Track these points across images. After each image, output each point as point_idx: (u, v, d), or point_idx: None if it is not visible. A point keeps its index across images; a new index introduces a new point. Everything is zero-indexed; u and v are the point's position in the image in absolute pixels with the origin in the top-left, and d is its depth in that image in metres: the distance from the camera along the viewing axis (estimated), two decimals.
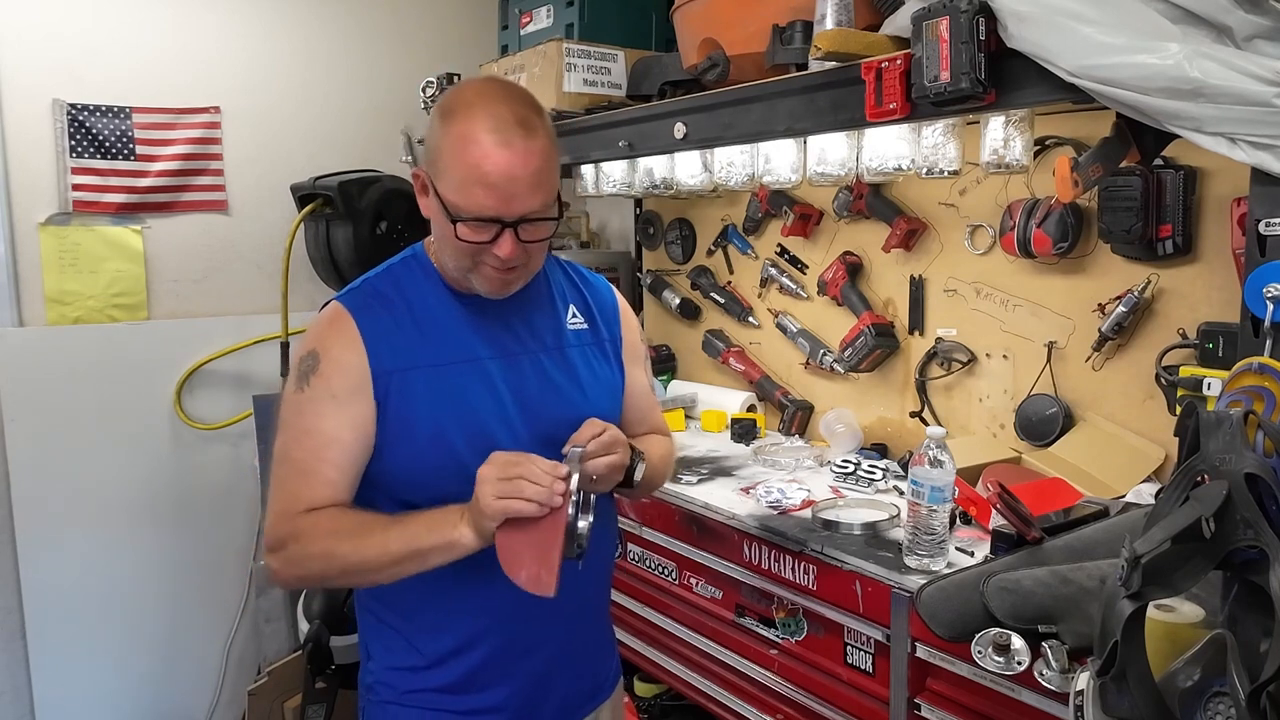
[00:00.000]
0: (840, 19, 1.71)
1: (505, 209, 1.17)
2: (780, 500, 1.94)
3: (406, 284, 1.31)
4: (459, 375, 1.27)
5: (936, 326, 2.26)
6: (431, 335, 1.27)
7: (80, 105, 2.58)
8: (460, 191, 1.17)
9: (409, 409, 1.24)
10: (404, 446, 1.24)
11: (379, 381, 1.23)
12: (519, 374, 1.31)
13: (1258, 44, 1.23)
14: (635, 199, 3.07)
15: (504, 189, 1.16)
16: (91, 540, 2.69)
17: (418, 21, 3.11)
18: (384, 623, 1.35)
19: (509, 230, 1.18)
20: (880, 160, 1.83)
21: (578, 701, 1.43)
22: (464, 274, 1.26)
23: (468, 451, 1.22)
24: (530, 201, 1.18)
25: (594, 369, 1.40)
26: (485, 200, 1.16)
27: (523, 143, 1.16)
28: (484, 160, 1.15)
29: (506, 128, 1.16)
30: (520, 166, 1.16)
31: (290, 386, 1.26)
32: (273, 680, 2.61)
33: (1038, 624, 1.25)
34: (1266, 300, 1.24)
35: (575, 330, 1.40)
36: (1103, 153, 1.40)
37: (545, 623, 1.34)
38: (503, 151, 1.15)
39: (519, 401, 1.29)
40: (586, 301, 1.43)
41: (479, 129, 1.16)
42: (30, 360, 2.57)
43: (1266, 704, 0.84)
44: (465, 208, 1.17)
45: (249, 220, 2.88)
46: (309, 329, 1.30)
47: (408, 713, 1.33)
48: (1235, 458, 0.95)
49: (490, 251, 1.20)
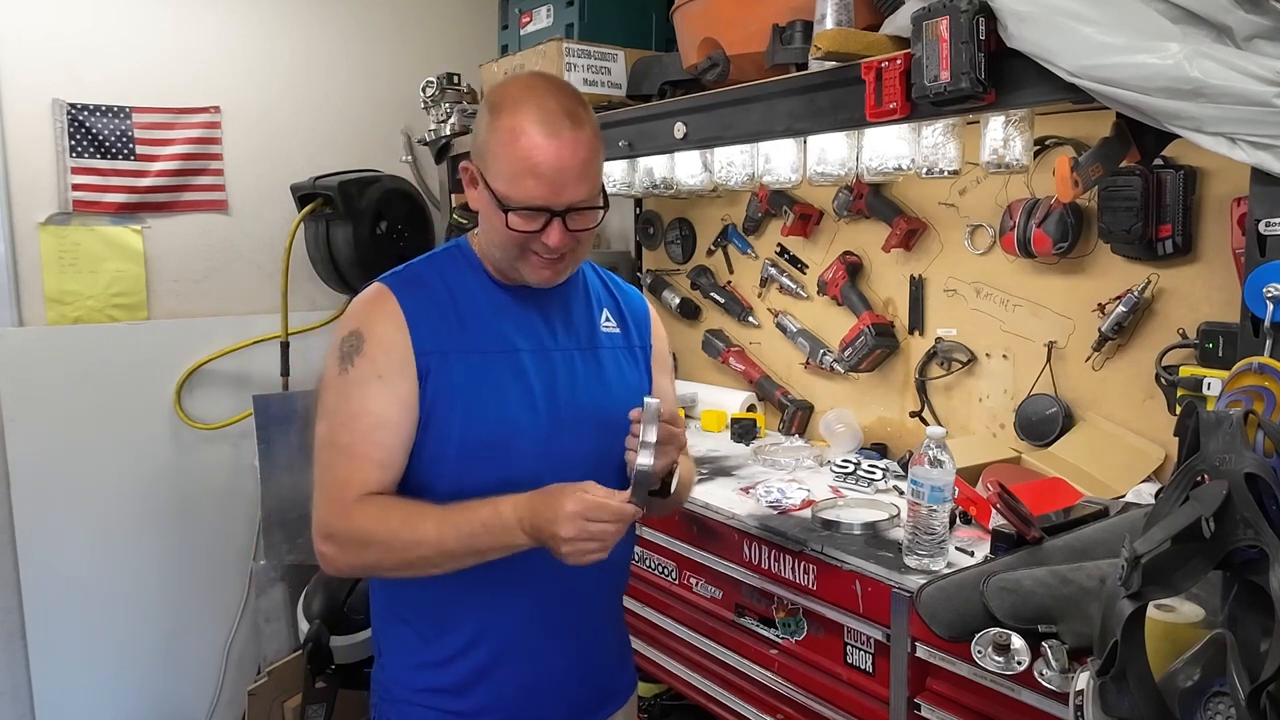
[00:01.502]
0: (840, 19, 1.71)
1: (554, 198, 1.20)
2: (780, 500, 1.94)
3: (449, 272, 1.33)
4: (495, 364, 1.29)
5: (936, 326, 2.26)
6: (470, 323, 1.29)
7: (80, 105, 2.58)
8: (510, 182, 1.20)
9: (444, 392, 1.25)
10: (435, 430, 1.25)
11: (420, 360, 1.25)
12: (551, 368, 1.33)
13: (1258, 44, 1.22)
14: (635, 199, 3.07)
15: (553, 179, 1.19)
16: (92, 540, 2.69)
17: (418, 21, 3.11)
18: (397, 620, 1.36)
19: (557, 219, 1.22)
20: (880, 160, 1.83)
21: (589, 707, 1.44)
22: (512, 263, 1.28)
23: (496, 441, 1.25)
24: (578, 191, 1.22)
25: (623, 372, 1.42)
26: (535, 190, 1.19)
27: (570, 134, 1.20)
28: (534, 151, 1.18)
29: (554, 119, 1.19)
30: (569, 157, 1.20)
31: (332, 369, 1.26)
32: (273, 680, 2.61)
33: (1038, 624, 1.25)
34: (1266, 300, 1.24)
35: (608, 333, 1.42)
36: (1103, 152, 1.40)
37: (556, 624, 1.35)
38: (551, 142, 1.19)
39: (549, 395, 1.31)
40: (620, 307, 1.46)
41: (527, 121, 1.19)
42: (30, 360, 2.57)
43: (1266, 704, 0.83)
44: (515, 198, 1.20)
45: (249, 220, 2.87)
46: (349, 310, 1.31)
47: (419, 711, 1.34)
48: (1235, 458, 0.95)
49: (539, 240, 1.23)
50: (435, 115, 2.82)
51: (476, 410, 1.26)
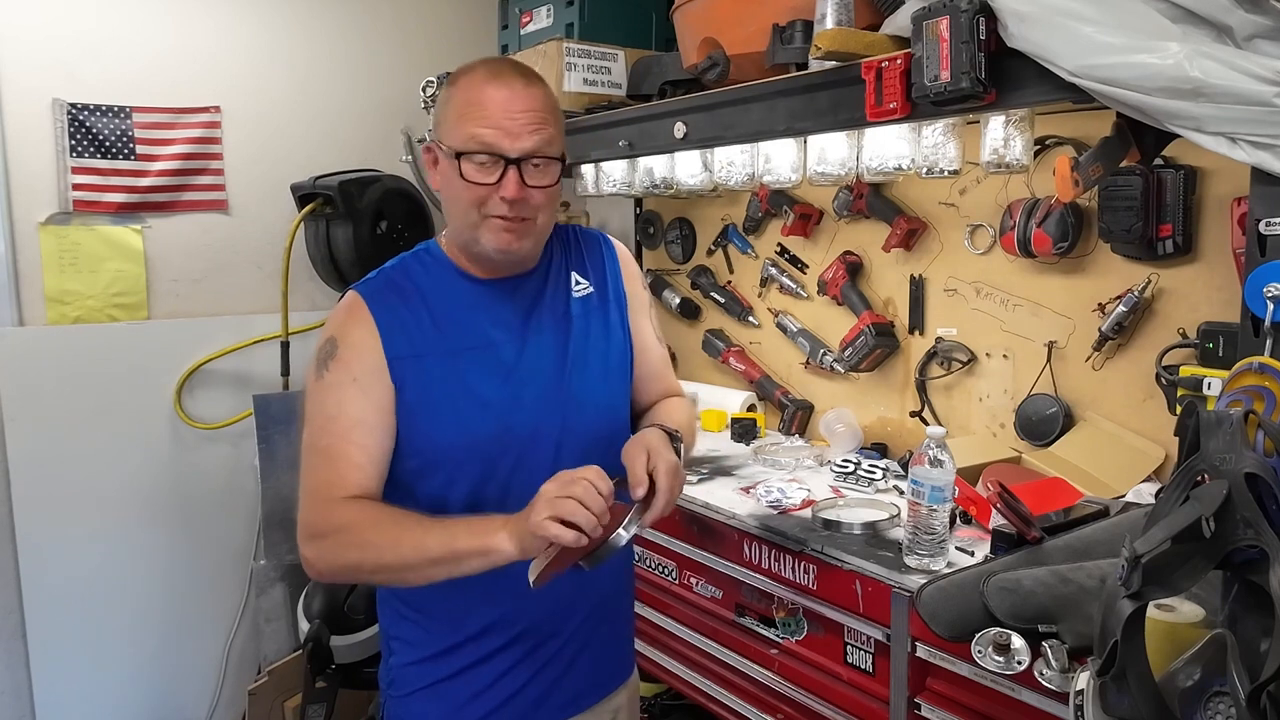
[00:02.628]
0: (840, 18, 1.71)
1: (505, 141, 1.21)
2: (780, 500, 1.94)
3: (418, 273, 1.33)
4: (473, 361, 1.28)
5: (936, 326, 2.26)
6: (444, 322, 1.29)
7: (80, 105, 2.57)
8: (460, 128, 1.22)
9: (425, 395, 1.25)
10: (420, 433, 1.25)
11: (394, 366, 1.25)
12: (533, 355, 1.32)
13: (1258, 43, 1.22)
14: (635, 199, 3.07)
15: (501, 121, 1.20)
16: (92, 540, 2.69)
17: (418, 21, 3.11)
18: (403, 614, 1.37)
19: (513, 169, 1.21)
20: (880, 160, 1.83)
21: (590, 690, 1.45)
22: (473, 233, 1.26)
23: (485, 435, 1.25)
24: (530, 139, 1.22)
25: (607, 335, 1.40)
26: (485, 133, 1.20)
27: (522, 85, 1.23)
28: (482, 96, 1.21)
29: (504, 71, 1.24)
30: (518, 101, 1.22)
31: (311, 376, 1.28)
32: (273, 680, 2.61)
33: (1038, 624, 1.25)
34: (1267, 300, 1.24)
35: (582, 298, 1.39)
36: (1103, 152, 1.40)
37: (563, 614, 1.36)
38: (501, 89, 1.22)
39: (535, 383, 1.31)
40: (585, 263, 1.43)
41: (477, 77, 1.24)
42: (30, 360, 2.56)
43: (1267, 703, 0.83)
44: (465, 143, 1.21)
45: (249, 220, 2.87)
46: (328, 319, 1.33)
47: (426, 704, 1.34)
48: (1235, 457, 0.95)
49: (495, 198, 1.22)
50: (435, 115, 2.82)
51: (463, 408, 1.26)
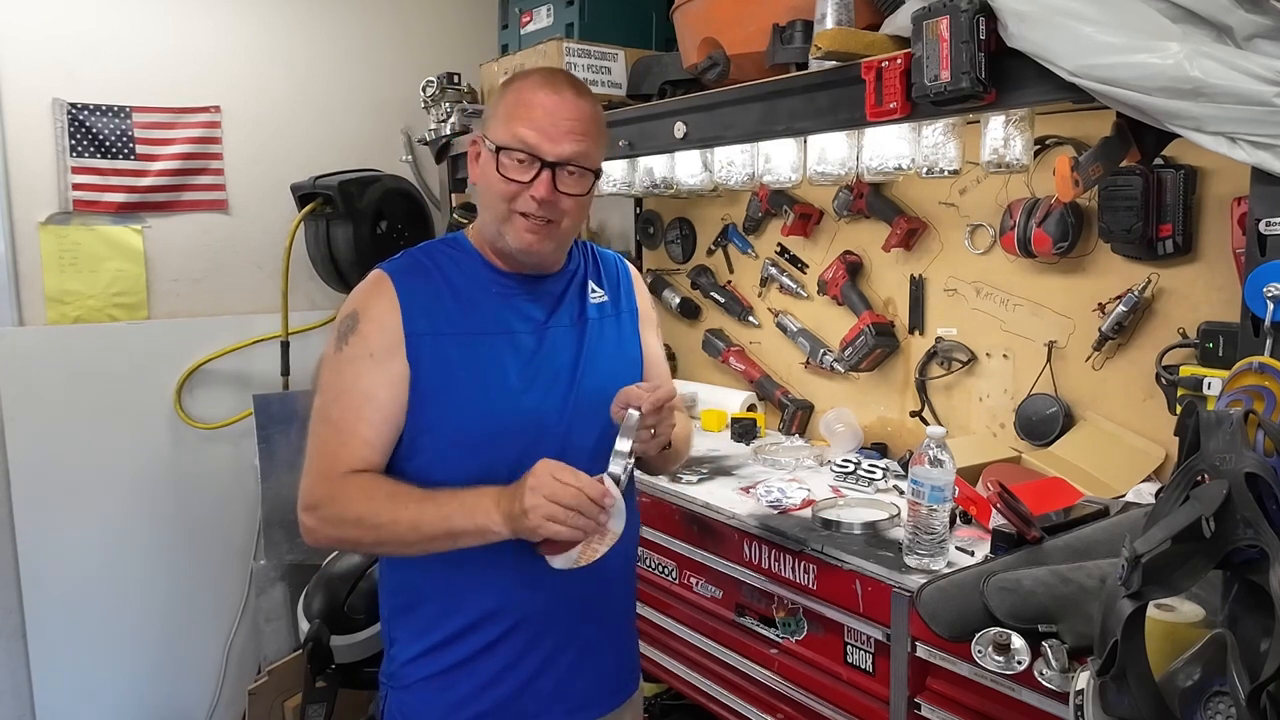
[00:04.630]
0: (840, 18, 1.71)
1: (546, 144, 1.24)
2: (780, 500, 1.94)
3: (444, 259, 1.36)
4: (491, 346, 1.31)
5: (936, 326, 2.26)
6: (466, 306, 1.32)
7: (80, 105, 2.58)
8: (506, 125, 1.26)
9: (442, 373, 1.28)
10: (436, 410, 1.27)
11: (411, 342, 1.27)
12: (550, 346, 1.35)
13: (1258, 43, 1.22)
14: (635, 198, 3.07)
15: (545, 124, 1.24)
16: (92, 539, 2.69)
17: (418, 21, 3.11)
18: (403, 607, 1.38)
19: (547, 171, 1.25)
20: (880, 160, 1.83)
21: (593, 701, 1.44)
22: (499, 227, 1.30)
23: (498, 418, 1.28)
24: (571, 146, 1.26)
25: (619, 341, 1.45)
26: (528, 133, 1.24)
27: (572, 95, 1.27)
28: (531, 98, 1.26)
29: (559, 80, 1.28)
30: (565, 109, 1.26)
31: (329, 348, 1.31)
32: (273, 680, 2.61)
33: (1038, 623, 1.25)
34: (1267, 300, 1.23)
35: (598, 304, 1.44)
36: (1103, 152, 1.40)
37: (558, 610, 1.36)
38: (551, 95, 1.27)
39: (550, 373, 1.34)
40: (601, 275, 1.48)
41: (532, 80, 1.30)
42: (30, 360, 2.57)
43: (1266, 703, 0.83)
44: (509, 140, 1.25)
45: (249, 220, 2.87)
46: (351, 295, 1.35)
47: (426, 696, 1.35)
48: (1235, 457, 0.95)
49: (526, 195, 1.25)
50: (435, 115, 2.83)
51: (479, 388, 1.29)
